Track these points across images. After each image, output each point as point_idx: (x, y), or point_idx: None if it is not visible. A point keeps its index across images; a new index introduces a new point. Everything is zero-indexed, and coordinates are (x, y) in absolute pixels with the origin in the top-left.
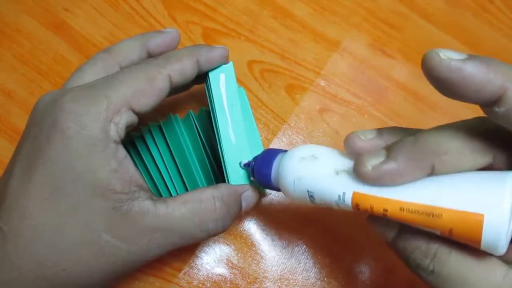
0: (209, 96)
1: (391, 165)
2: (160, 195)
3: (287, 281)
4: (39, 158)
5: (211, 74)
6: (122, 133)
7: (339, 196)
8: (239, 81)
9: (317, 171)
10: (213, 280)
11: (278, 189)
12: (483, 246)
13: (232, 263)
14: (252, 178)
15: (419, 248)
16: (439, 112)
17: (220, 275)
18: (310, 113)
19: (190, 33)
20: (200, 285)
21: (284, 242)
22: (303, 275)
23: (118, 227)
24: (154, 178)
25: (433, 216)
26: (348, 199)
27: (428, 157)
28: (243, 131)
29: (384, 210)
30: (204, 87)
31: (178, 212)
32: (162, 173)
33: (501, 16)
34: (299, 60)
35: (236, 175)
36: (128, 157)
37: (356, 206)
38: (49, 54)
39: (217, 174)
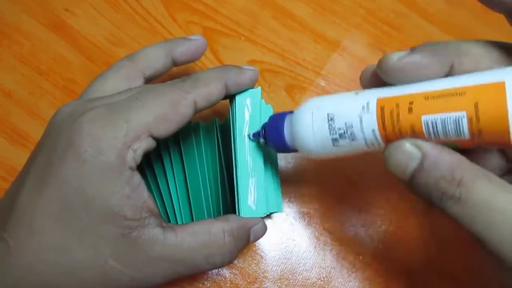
0: (232, 120)
1: (415, 57)
2: (165, 210)
3: (287, 281)
4: (51, 176)
5: (237, 98)
6: (139, 159)
7: (362, 107)
8: None
9: (336, 96)
10: (213, 280)
11: (293, 150)
12: (511, 114)
13: (232, 263)
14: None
15: (444, 177)
16: None
17: (220, 275)
18: None
19: (190, 33)
20: (200, 285)
21: (284, 242)
22: (303, 275)
23: (125, 254)
24: (162, 193)
25: (457, 95)
26: (373, 106)
27: (450, 54)
28: (261, 163)
29: (410, 103)
30: (229, 106)
31: (186, 243)
32: (171, 189)
33: (501, 16)
34: (299, 60)
35: (247, 208)
36: (142, 182)
37: (381, 111)
38: (49, 54)
39: (228, 194)
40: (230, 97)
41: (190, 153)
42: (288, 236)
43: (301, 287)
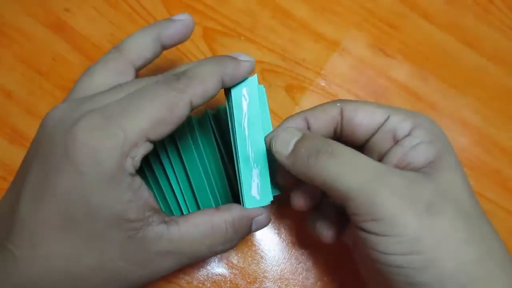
0: (230, 111)
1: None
2: (167, 203)
3: (287, 281)
4: (49, 189)
5: (233, 90)
6: (138, 164)
7: None
8: None
9: None
10: (213, 280)
11: None
12: None
13: (232, 263)
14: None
15: (319, 140)
16: (439, 112)
17: (220, 275)
18: None
19: None
20: (200, 285)
21: (284, 242)
22: (303, 275)
23: (133, 254)
24: (162, 186)
25: None
26: None
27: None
28: (263, 153)
29: None
30: (224, 96)
31: (190, 235)
32: (171, 182)
33: (501, 16)
34: (299, 60)
35: (251, 199)
36: (143, 183)
37: None
38: (49, 54)
39: (232, 181)
40: (226, 88)
41: (187, 147)
42: (288, 236)
43: (301, 287)
